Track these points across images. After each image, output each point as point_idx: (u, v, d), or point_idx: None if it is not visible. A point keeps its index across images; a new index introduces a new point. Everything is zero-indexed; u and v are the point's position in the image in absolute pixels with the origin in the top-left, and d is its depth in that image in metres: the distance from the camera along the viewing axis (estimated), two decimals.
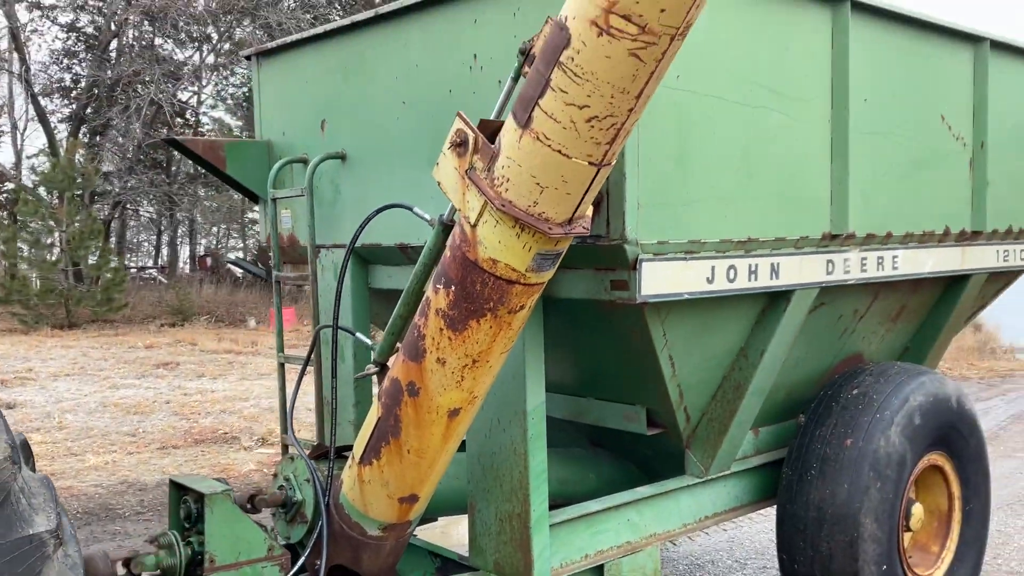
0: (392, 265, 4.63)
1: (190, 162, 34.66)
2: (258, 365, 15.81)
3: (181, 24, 27.09)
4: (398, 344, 3.80)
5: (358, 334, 4.22)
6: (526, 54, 3.08)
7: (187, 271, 36.46)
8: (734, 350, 4.39)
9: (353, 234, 3.98)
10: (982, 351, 24.64)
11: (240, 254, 45.78)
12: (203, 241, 46.21)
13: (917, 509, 4.85)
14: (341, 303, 4.19)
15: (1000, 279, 5.89)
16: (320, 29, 4.80)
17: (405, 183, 4.33)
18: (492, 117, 3.33)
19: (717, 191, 3.78)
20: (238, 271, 36.31)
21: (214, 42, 28.55)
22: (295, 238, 5.11)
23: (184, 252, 40.93)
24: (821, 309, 4.63)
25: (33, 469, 2.74)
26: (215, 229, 49.95)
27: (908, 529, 4.84)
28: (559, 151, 2.85)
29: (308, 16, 25.01)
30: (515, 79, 3.21)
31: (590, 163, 2.89)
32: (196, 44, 29.45)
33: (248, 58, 5.38)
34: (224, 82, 32.03)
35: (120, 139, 25.67)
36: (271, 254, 5.07)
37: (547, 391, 4.00)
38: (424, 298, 3.45)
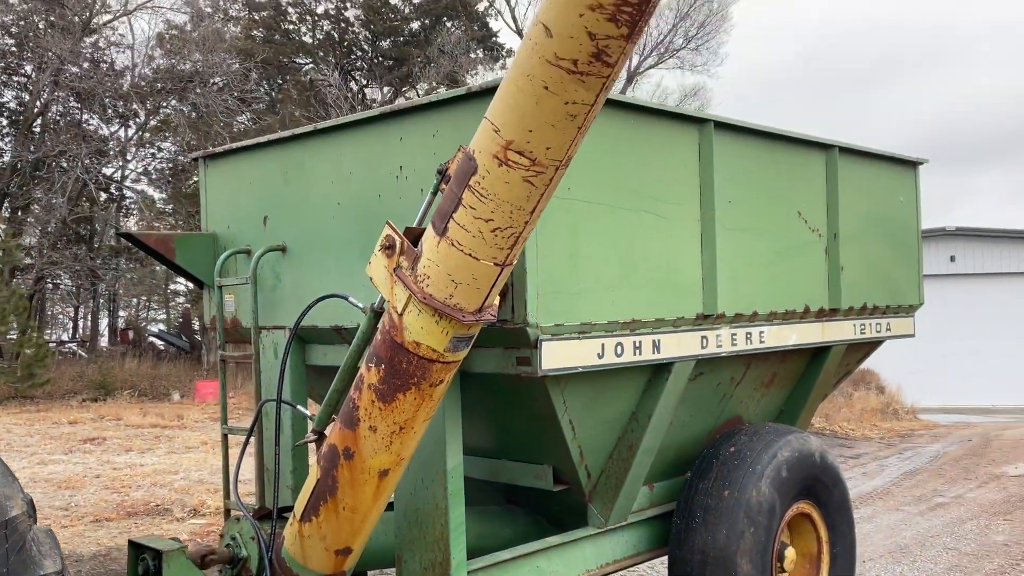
0: (327, 344, 5.23)
1: (111, 235, 34.35)
2: (185, 439, 15.94)
3: (108, 101, 27.38)
4: (334, 416, 4.39)
5: (299, 407, 4.79)
6: (443, 174, 3.79)
7: (107, 344, 35.93)
8: (626, 414, 5.09)
9: (296, 319, 4.58)
10: (885, 412, 26.03)
11: (161, 326, 45.16)
12: (123, 313, 45.52)
13: (790, 552, 5.57)
14: (275, 376, 4.77)
15: (860, 349, 6.77)
16: (264, 138, 5.47)
17: (338, 273, 4.97)
18: (415, 224, 4.03)
19: (604, 281, 4.52)
20: (160, 343, 35.94)
21: (141, 118, 28.86)
22: (238, 320, 5.67)
23: (104, 324, 40.31)
24: (700, 378, 5.38)
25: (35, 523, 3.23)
26: (134, 300, 49.27)
27: (783, 570, 5.55)
28: (470, 255, 3.54)
29: (235, 98, 25.59)
30: (434, 193, 3.92)
31: (495, 264, 3.59)
32: (121, 120, 29.69)
33: (196, 160, 5.99)
34: (149, 157, 32.22)
35: (43, 214, 25.62)
36: (215, 335, 5.61)
37: (465, 454, 4.62)
38: (358, 375, 4.06)
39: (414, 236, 3.84)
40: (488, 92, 4.17)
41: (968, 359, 33.03)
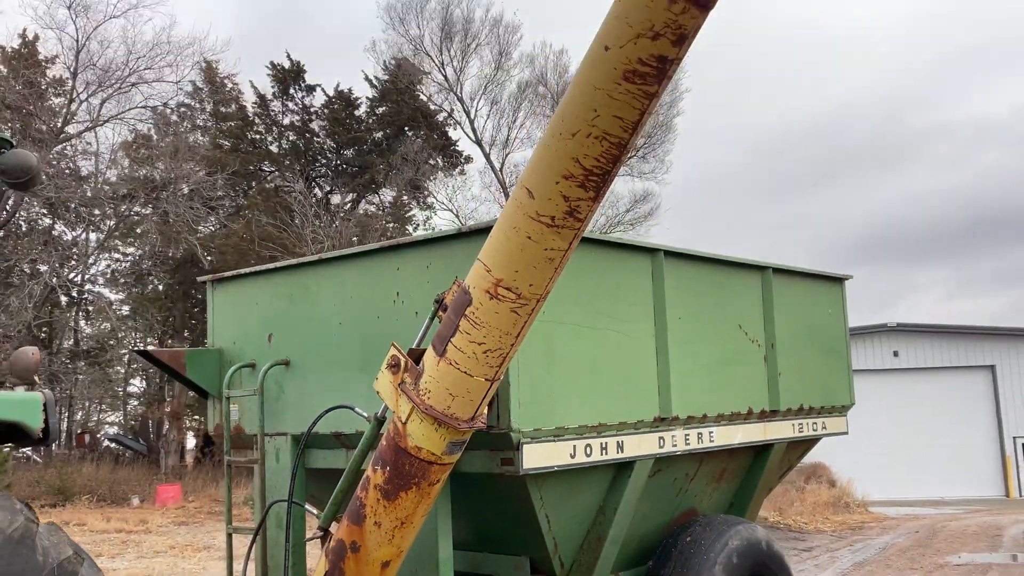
0: (327, 449, 5.83)
1: (71, 340, 34.27)
2: (153, 543, 16.01)
3: (73, 207, 27.92)
4: (339, 514, 4.99)
5: (307, 506, 5.37)
6: (440, 303, 4.54)
7: (63, 448, 35.44)
8: (595, 508, 5.73)
9: (308, 427, 5.21)
10: (836, 505, 26.70)
11: (116, 429, 44.54)
12: (78, 416, 44.88)
13: None
14: (282, 480, 5.36)
15: (800, 446, 7.53)
16: (270, 266, 6.19)
17: (339, 385, 5.63)
18: (414, 345, 4.74)
19: (575, 390, 5.25)
20: (117, 447, 35.53)
21: (107, 224, 29.38)
22: (241, 428, 6.25)
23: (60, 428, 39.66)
24: (659, 474, 6.07)
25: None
26: (87, 403, 48.62)
27: None
28: (465, 372, 4.24)
29: (202, 208, 26.34)
30: (431, 319, 4.65)
31: (486, 379, 4.30)
32: (88, 225, 30.18)
33: (205, 283, 6.66)
34: (112, 260, 32.60)
35: (7, 320, 25.77)
36: (223, 442, 6.18)
37: (453, 548, 5.21)
38: (364, 476, 4.69)
39: (415, 356, 4.55)
40: (474, 233, 4.96)
41: (916, 452, 34.04)
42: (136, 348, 23.15)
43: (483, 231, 4.67)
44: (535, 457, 4.98)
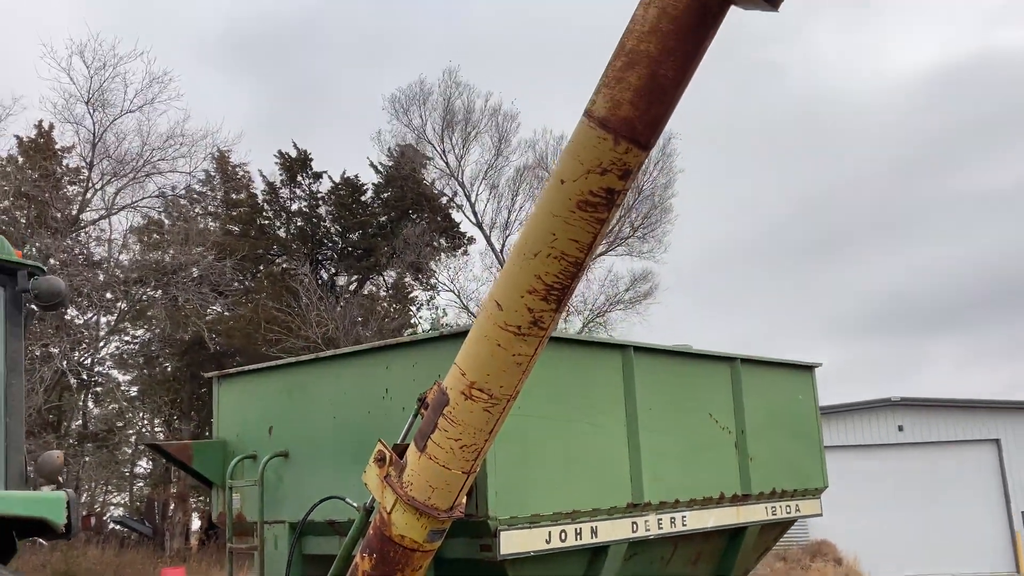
0: (321, 536, 6.24)
1: (79, 422, 34.66)
2: None
3: (86, 291, 28.61)
4: None
5: None
6: (422, 401, 5.02)
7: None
8: None
9: (303, 516, 5.64)
10: None
11: (122, 511, 44.50)
12: (84, 498, 44.89)
13: None
14: (281, 565, 5.76)
15: (776, 528, 7.87)
16: (271, 363, 6.70)
17: (334, 476, 6.07)
18: (399, 440, 5.21)
19: (549, 480, 5.68)
20: (123, 529, 35.54)
21: (118, 308, 30.04)
22: (243, 516, 6.67)
23: None
24: (634, 558, 6.44)
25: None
26: (93, 485, 48.65)
27: None
28: (444, 466, 4.70)
29: (211, 292, 26.98)
30: (414, 416, 5.14)
31: (463, 472, 4.75)
32: (99, 309, 30.83)
33: (211, 379, 7.16)
34: (122, 343, 33.16)
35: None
36: (225, 529, 6.59)
37: None
38: (353, 563, 5.11)
39: (400, 450, 5.01)
40: (454, 336, 5.47)
41: (923, 526, 33.77)
42: (146, 441, 23.48)
43: (460, 335, 5.17)
44: (512, 543, 5.39)
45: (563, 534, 5.71)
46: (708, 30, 3.82)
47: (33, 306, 4.39)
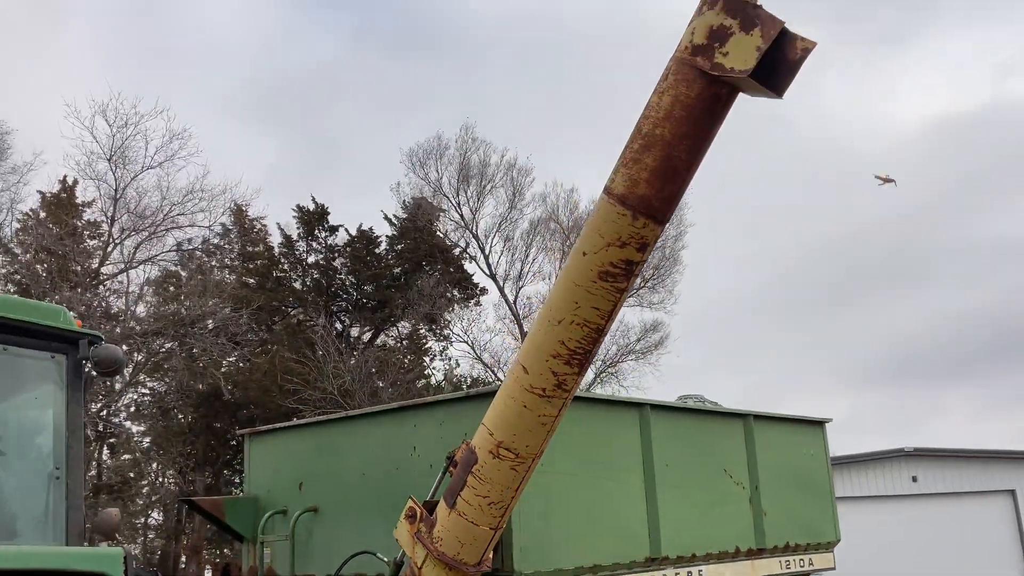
0: None
1: (93, 473, 34.79)
2: None
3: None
4: None
5: None
6: (451, 459, 5.29)
7: None
8: None
9: (336, 570, 5.87)
10: None
11: (135, 563, 44.42)
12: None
13: None
14: None
15: None
16: (302, 421, 6.99)
17: (362, 530, 6.31)
18: (428, 496, 5.47)
19: (571, 535, 5.91)
20: None
21: (136, 360, 30.42)
22: (272, 570, 6.89)
23: None
24: None
25: None
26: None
27: None
28: (472, 522, 4.95)
29: (228, 343, 27.38)
30: (443, 473, 5.40)
31: (491, 528, 5.01)
32: None
33: (242, 436, 7.44)
34: (139, 395, 33.48)
35: None
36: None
37: None
38: None
39: (430, 507, 5.27)
40: (479, 397, 5.75)
41: None
42: (182, 497, 23.86)
43: (486, 395, 5.46)
44: None
45: None
46: (718, 116, 4.16)
47: (93, 372, 4.70)
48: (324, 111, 53.75)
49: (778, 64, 3.93)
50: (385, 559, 5.63)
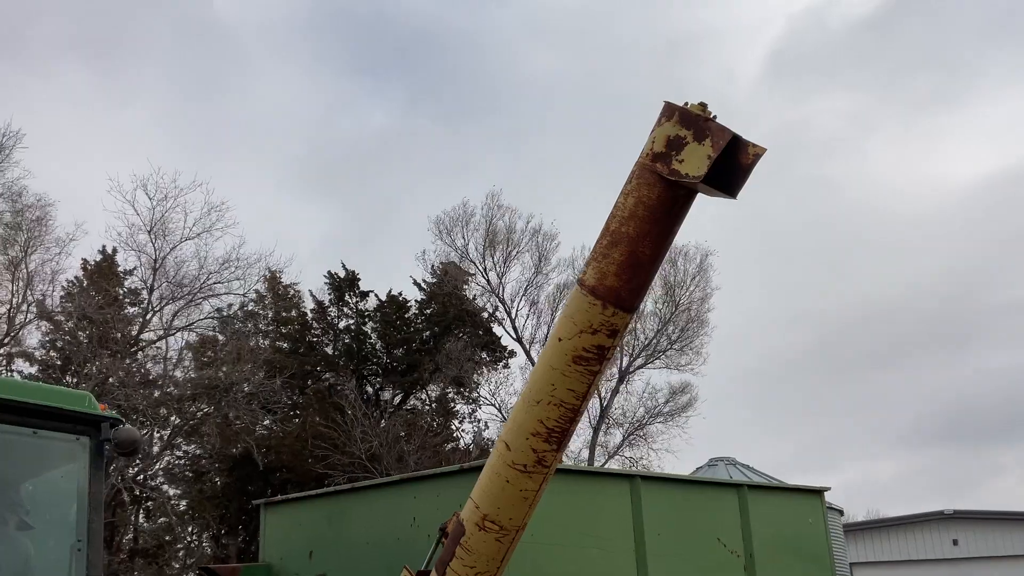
0: None
1: (130, 536, 35.25)
2: None
3: (143, 407, 29.76)
4: None
5: None
6: (443, 531, 5.66)
7: None
8: None
9: None
10: None
11: None
12: None
13: None
14: None
15: None
16: (313, 492, 7.41)
17: None
18: (423, 565, 5.82)
19: None
20: None
21: (172, 423, 31.14)
22: None
23: None
24: None
25: None
26: None
27: None
28: None
29: (260, 408, 28.02)
30: (436, 544, 5.77)
31: None
32: (152, 425, 31.92)
33: (258, 507, 7.87)
34: (175, 458, 34.10)
35: None
36: None
37: None
38: None
39: None
40: (473, 471, 6.13)
41: None
42: (200, 565, 24.29)
43: (479, 468, 5.82)
44: None
45: None
46: (677, 216, 4.60)
47: (113, 453, 5.17)
48: (370, 180, 55.39)
49: (732, 168, 4.38)
50: None
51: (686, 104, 4.43)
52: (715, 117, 4.38)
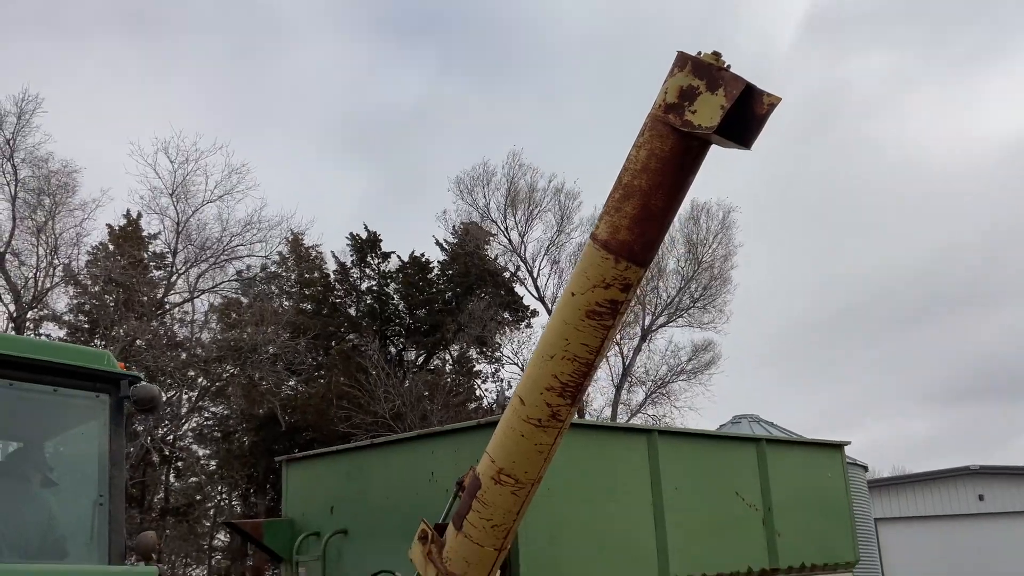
0: None
1: (161, 496, 36.01)
2: None
3: (169, 370, 30.17)
4: None
5: None
6: (460, 485, 5.70)
7: None
8: None
9: None
10: None
11: None
12: (166, 570, 46.19)
13: None
14: None
15: None
16: (333, 448, 7.48)
17: (387, 552, 6.73)
18: (441, 519, 5.88)
19: (577, 555, 6.26)
20: None
21: (200, 385, 31.58)
22: None
23: None
24: None
25: None
26: (173, 558, 49.98)
27: None
28: (477, 543, 5.35)
29: (285, 369, 28.33)
30: (453, 499, 5.81)
31: (495, 549, 5.40)
32: (181, 387, 32.39)
33: (280, 463, 7.96)
34: (203, 419, 34.62)
35: None
36: None
37: None
38: None
39: (440, 529, 5.69)
40: (489, 425, 6.15)
41: None
42: (224, 519, 24.65)
43: (495, 424, 5.85)
44: None
45: None
46: (690, 168, 4.53)
47: (133, 410, 5.24)
48: (401, 144, 55.45)
49: (746, 119, 4.28)
50: None
51: (699, 54, 4.33)
52: (729, 66, 4.29)
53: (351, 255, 33.42)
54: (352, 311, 33.48)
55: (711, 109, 4.24)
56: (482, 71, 58.32)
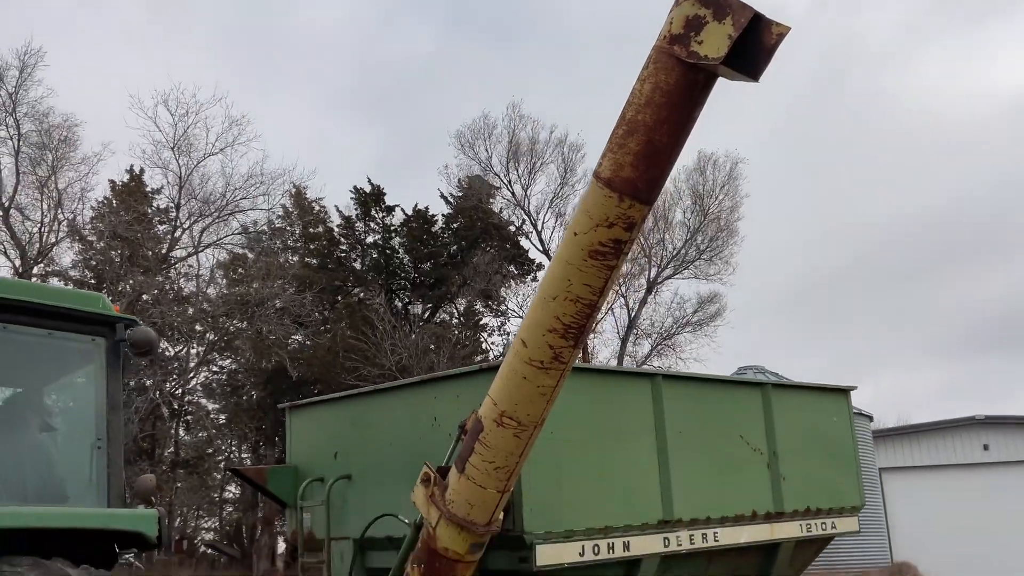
0: (381, 551, 6.90)
1: (171, 449, 36.32)
2: None
3: (176, 325, 30.25)
4: None
5: None
6: (462, 428, 5.66)
7: (162, 555, 37.16)
8: None
9: (361, 532, 6.32)
10: None
11: (212, 535, 46.15)
12: (176, 523, 46.82)
13: None
14: None
15: (812, 545, 8.22)
16: (336, 395, 7.44)
17: (390, 496, 6.73)
18: (444, 462, 5.85)
19: (581, 498, 6.24)
20: (213, 552, 37.03)
21: (207, 339, 31.69)
22: (312, 533, 7.38)
23: None
24: (669, 572, 6.92)
25: None
26: (184, 510, 50.67)
27: None
28: (480, 486, 5.32)
29: (292, 324, 28.39)
30: (456, 441, 5.77)
31: (498, 491, 5.36)
32: (188, 341, 32.52)
33: (283, 409, 7.94)
34: (211, 373, 34.83)
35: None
36: (297, 545, 7.32)
37: None
38: (404, 573, 5.75)
39: (443, 472, 5.65)
40: (491, 370, 6.07)
41: (1012, 548, 32.70)
42: (229, 467, 24.96)
43: (497, 368, 5.78)
44: (547, 556, 5.96)
45: (596, 548, 6.26)
46: (696, 101, 4.37)
47: (128, 353, 5.19)
48: (407, 101, 54.93)
49: (754, 50, 4.11)
50: (406, 520, 6.04)
51: None
52: None
53: (355, 209, 33.29)
54: (357, 265, 33.44)
55: (718, 39, 4.08)
56: (488, 26, 57.53)
